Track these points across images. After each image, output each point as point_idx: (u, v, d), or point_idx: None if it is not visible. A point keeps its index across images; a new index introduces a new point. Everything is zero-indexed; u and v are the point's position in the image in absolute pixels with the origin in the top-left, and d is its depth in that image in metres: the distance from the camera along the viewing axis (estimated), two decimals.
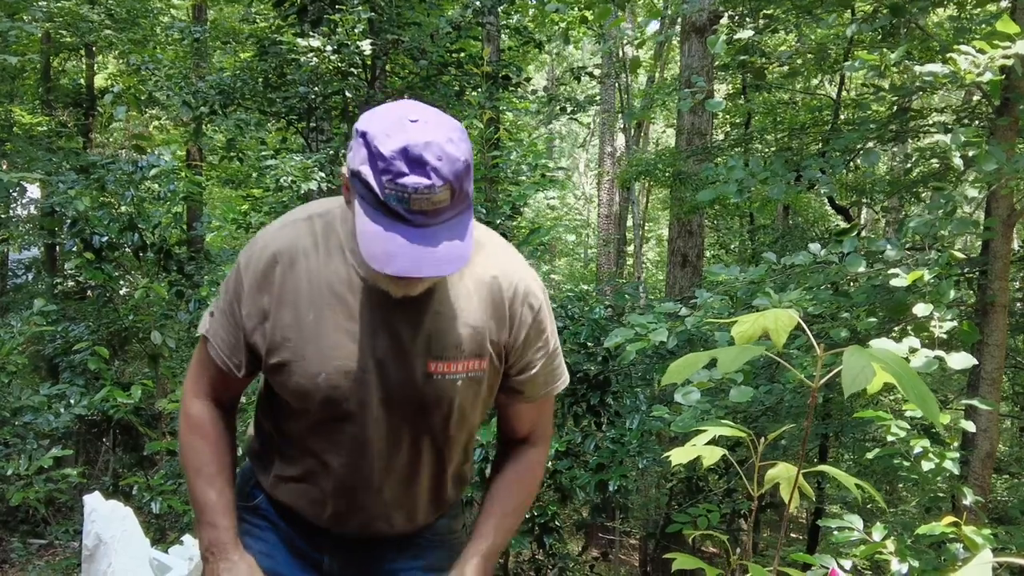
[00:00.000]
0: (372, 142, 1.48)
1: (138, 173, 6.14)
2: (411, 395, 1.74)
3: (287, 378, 1.73)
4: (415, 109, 1.54)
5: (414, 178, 1.46)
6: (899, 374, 1.56)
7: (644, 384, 6.69)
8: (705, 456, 1.98)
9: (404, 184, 1.46)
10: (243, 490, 1.96)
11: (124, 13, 11.11)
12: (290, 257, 1.72)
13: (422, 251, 1.49)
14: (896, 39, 5.44)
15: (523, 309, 1.78)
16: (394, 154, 1.46)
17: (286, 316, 1.71)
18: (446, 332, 1.73)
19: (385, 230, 1.49)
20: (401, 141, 1.47)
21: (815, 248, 3.91)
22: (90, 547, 3.37)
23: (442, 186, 1.48)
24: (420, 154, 1.46)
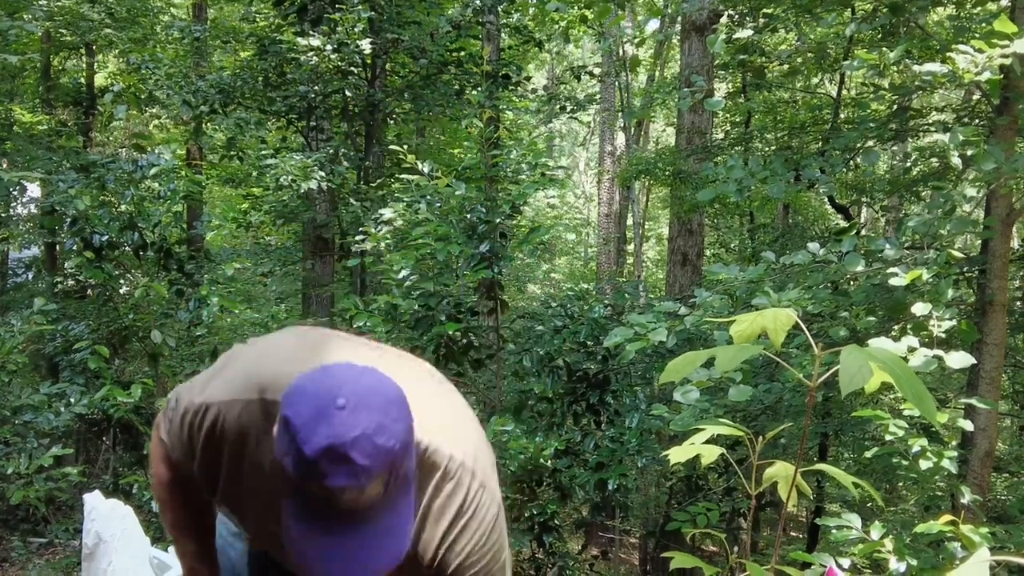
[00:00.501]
0: (295, 433, 1.31)
1: (138, 172, 6.15)
2: None
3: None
4: (343, 384, 1.35)
5: (341, 479, 1.30)
6: (896, 373, 1.57)
7: (643, 383, 6.70)
8: (704, 455, 1.99)
9: (329, 487, 1.30)
10: None
11: (124, 12, 11.11)
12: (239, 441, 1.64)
13: (352, 555, 1.36)
14: (896, 38, 5.44)
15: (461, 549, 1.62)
16: (317, 454, 1.29)
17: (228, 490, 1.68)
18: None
19: (311, 533, 1.36)
20: (326, 436, 1.29)
21: (814, 247, 3.91)
22: (90, 546, 3.37)
23: (373, 482, 1.32)
24: (347, 453, 1.29)
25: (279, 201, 8.94)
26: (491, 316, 6.14)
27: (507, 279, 5.78)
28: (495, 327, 6.09)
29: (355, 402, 1.32)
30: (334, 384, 1.35)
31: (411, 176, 5.76)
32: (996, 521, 5.68)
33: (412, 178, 5.76)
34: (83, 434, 8.29)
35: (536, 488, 5.88)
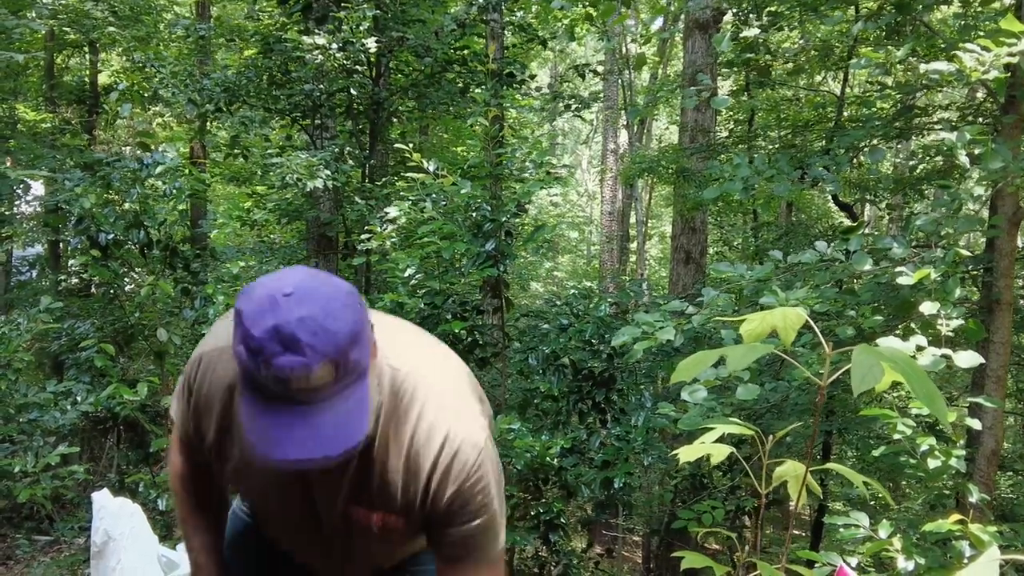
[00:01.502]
0: (245, 321, 1.37)
1: (143, 170, 6.15)
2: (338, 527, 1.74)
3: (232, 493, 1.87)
4: (292, 279, 1.41)
5: (288, 358, 1.34)
6: (907, 373, 1.57)
7: (648, 381, 6.69)
8: (713, 454, 1.99)
9: (278, 365, 1.34)
10: None
11: (128, 10, 11.12)
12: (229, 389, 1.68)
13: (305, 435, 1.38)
14: (901, 36, 5.44)
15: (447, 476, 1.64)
16: (265, 335, 1.34)
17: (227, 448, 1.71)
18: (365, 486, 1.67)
19: (264, 412, 1.39)
20: (272, 319, 1.35)
21: (821, 246, 3.91)
22: (99, 544, 3.39)
23: (320, 363, 1.35)
24: (292, 332, 1.34)
25: (283, 199, 8.95)
26: (496, 315, 6.15)
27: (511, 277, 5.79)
28: (500, 325, 6.10)
29: (302, 292, 1.38)
30: (284, 279, 1.41)
31: (416, 174, 5.76)
32: (1001, 520, 5.69)
33: (417, 176, 5.76)
34: (88, 432, 8.30)
35: (542, 487, 5.88)
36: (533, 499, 5.92)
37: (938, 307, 3.47)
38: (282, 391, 1.36)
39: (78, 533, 7.34)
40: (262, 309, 1.36)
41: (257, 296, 1.39)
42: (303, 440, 1.37)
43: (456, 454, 1.63)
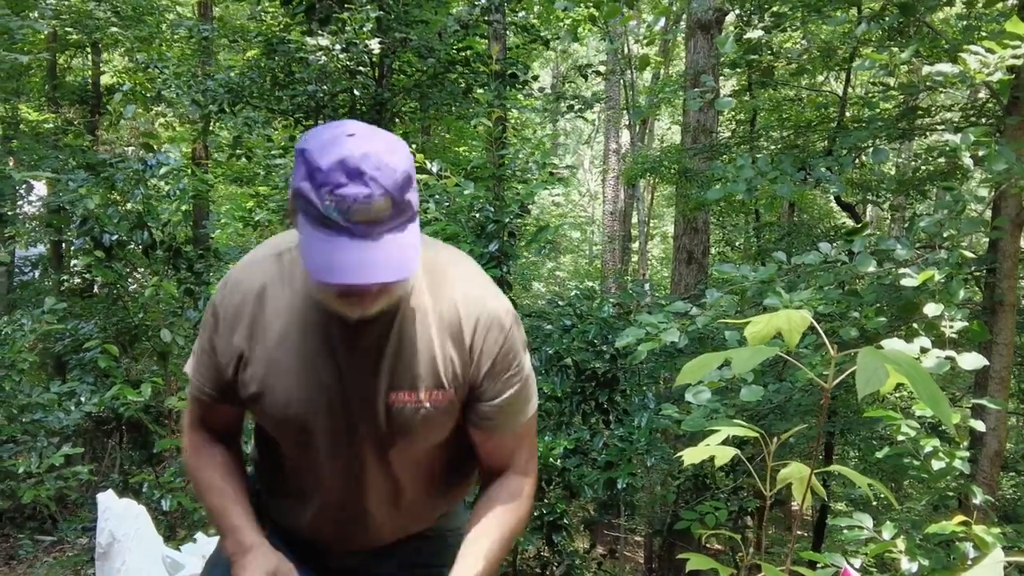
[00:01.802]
0: (310, 157, 1.48)
1: (147, 171, 6.15)
2: (374, 425, 1.74)
3: (261, 409, 1.76)
4: (353, 125, 1.53)
5: (353, 188, 1.45)
6: (912, 375, 1.57)
7: (651, 382, 6.69)
8: (718, 456, 1.99)
9: (343, 195, 1.45)
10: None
11: (130, 10, 11.12)
12: (259, 292, 1.73)
13: (365, 260, 1.47)
14: (904, 37, 5.45)
15: (486, 340, 1.74)
16: (332, 166, 1.46)
17: (257, 351, 1.73)
18: (406, 363, 1.72)
19: (327, 242, 1.47)
20: (338, 154, 1.46)
21: (825, 248, 3.91)
22: (104, 545, 3.39)
23: (381, 196, 1.47)
24: (357, 165, 1.46)
25: (285, 200, 8.94)
26: None
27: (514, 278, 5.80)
28: None
29: (364, 134, 1.51)
30: (345, 125, 1.54)
31: (419, 175, 5.77)
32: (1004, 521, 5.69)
33: (420, 177, 5.76)
34: (91, 433, 8.31)
35: (545, 487, 5.88)
36: (536, 499, 5.93)
37: (942, 309, 3.47)
38: (344, 221, 1.46)
39: (81, 533, 7.35)
40: (327, 146, 1.48)
41: (321, 136, 1.51)
42: (361, 266, 1.46)
43: (493, 319, 1.74)
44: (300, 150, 1.51)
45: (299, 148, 1.52)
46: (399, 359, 1.72)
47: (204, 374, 1.81)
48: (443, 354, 1.73)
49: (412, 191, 1.54)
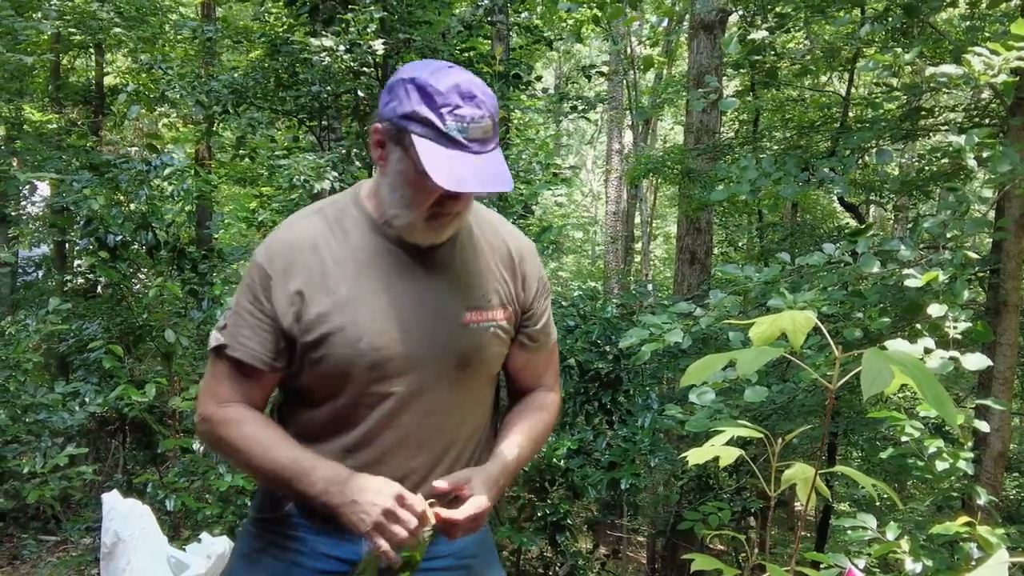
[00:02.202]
0: (425, 83, 1.67)
1: (152, 172, 6.17)
2: (452, 346, 1.84)
3: (328, 352, 1.77)
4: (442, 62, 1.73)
5: (469, 109, 1.66)
6: (916, 376, 1.57)
7: (655, 382, 6.69)
8: (722, 456, 1.99)
9: (463, 115, 1.65)
10: (270, 503, 1.93)
11: (133, 11, 11.14)
12: (311, 243, 1.82)
13: (481, 172, 1.66)
14: (908, 38, 5.45)
15: (531, 267, 1.97)
16: (449, 89, 1.66)
17: (318, 294, 1.78)
18: (475, 284, 1.88)
19: (451, 157, 1.65)
20: (452, 80, 1.67)
21: (829, 248, 3.92)
22: (109, 545, 3.40)
23: (489, 116, 1.68)
24: (470, 89, 1.67)
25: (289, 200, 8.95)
26: None
27: None
28: None
29: (457, 67, 1.72)
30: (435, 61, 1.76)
31: None
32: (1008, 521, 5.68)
33: None
34: (95, 433, 8.32)
35: (548, 487, 5.89)
36: (539, 500, 5.93)
37: (946, 309, 3.47)
38: (463, 138, 1.66)
39: (85, 533, 7.36)
40: (437, 74, 1.69)
41: (424, 69, 1.71)
42: (480, 177, 1.66)
43: (531, 249, 2.01)
44: (408, 79, 1.70)
45: (404, 78, 1.71)
46: (469, 281, 1.87)
47: (249, 337, 1.81)
48: (500, 276, 1.92)
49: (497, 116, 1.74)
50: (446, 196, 1.71)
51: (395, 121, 1.70)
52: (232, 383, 1.85)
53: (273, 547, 1.90)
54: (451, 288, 1.85)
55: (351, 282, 1.80)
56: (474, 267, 1.89)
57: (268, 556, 1.90)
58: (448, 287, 1.85)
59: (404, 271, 1.83)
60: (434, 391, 1.84)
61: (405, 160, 1.72)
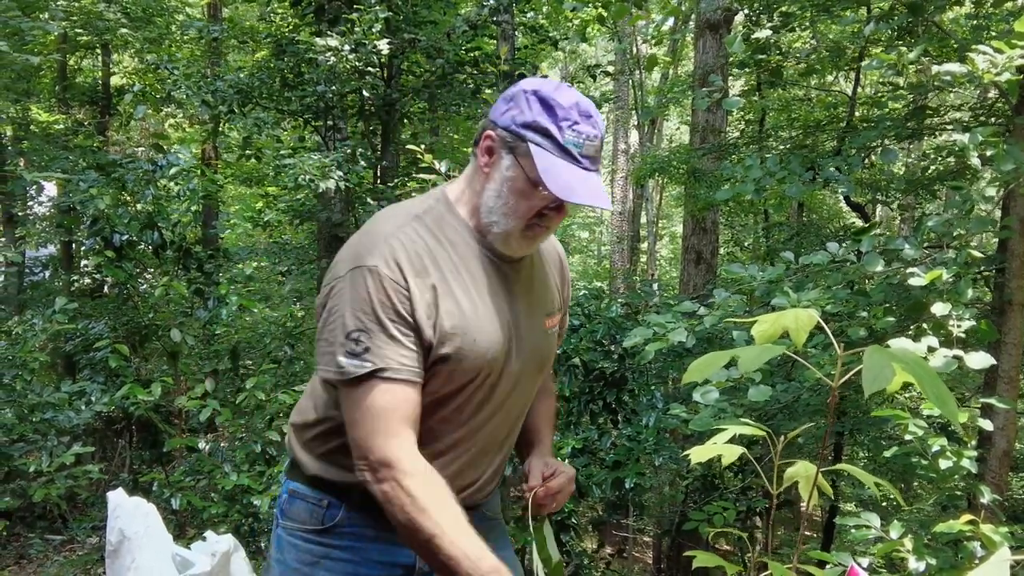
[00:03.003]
0: (548, 97, 1.74)
1: (158, 172, 6.18)
2: (539, 350, 1.95)
3: (457, 365, 1.76)
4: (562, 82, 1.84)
5: (587, 127, 1.75)
6: (919, 374, 1.57)
7: (659, 382, 6.69)
8: (725, 455, 1.99)
9: (580, 131, 1.74)
10: (315, 513, 1.89)
11: (140, 12, 11.16)
12: (428, 252, 1.79)
13: (591, 187, 1.73)
14: (913, 37, 5.44)
15: (566, 267, 2.12)
16: (571, 106, 1.74)
17: (447, 304, 1.76)
18: (548, 291, 2.00)
19: (568, 168, 1.72)
20: (572, 98, 1.75)
21: (833, 247, 3.91)
22: (114, 543, 3.40)
23: (600, 137, 1.78)
24: (588, 109, 1.76)
25: (294, 200, 8.96)
26: None
27: None
28: None
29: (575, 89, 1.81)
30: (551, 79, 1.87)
31: (428, 175, 5.77)
32: (1013, 520, 5.68)
33: (429, 177, 5.77)
34: (101, 432, 8.34)
35: None
36: None
37: (950, 308, 3.47)
38: (578, 153, 1.74)
39: (91, 532, 7.38)
40: (561, 89, 1.77)
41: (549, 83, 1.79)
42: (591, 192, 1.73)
43: (564, 252, 2.15)
44: (531, 91, 1.76)
45: (527, 89, 1.77)
46: (544, 289, 1.99)
47: (404, 355, 1.70)
48: (557, 282, 2.05)
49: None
50: (550, 207, 1.79)
51: (513, 129, 1.75)
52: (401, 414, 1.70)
53: (326, 559, 1.88)
54: (535, 296, 1.95)
55: (469, 291, 1.80)
56: (543, 275, 2.00)
57: (322, 569, 1.88)
58: (534, 295, 1.95)
59: (504, 280, 1.88)
60: (523, 393, 1.95)
61: (515, 168, 1.76)
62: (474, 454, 1.89)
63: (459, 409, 1.83)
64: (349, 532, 1.87)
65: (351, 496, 1.84)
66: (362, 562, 1.87)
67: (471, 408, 1.84)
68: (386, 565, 1.88)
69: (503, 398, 1.88)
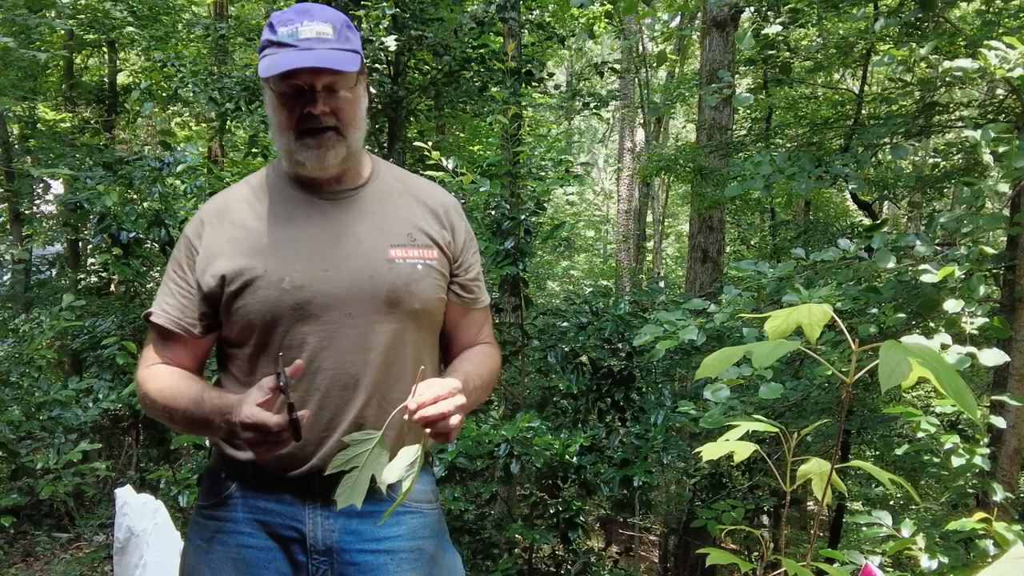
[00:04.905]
0: (272, 17, 1.86)
1: (164, 169, 6.18)
2: (378, 281, 1.88)
3: (251, 297, 1.85)
4: None
5: (300, 18, 1.83)
6: (936, 369, 1.55)
7: (667, 379, 6.67)
8: (737, 452, 1.98)
9: (293, 22, 1.82)
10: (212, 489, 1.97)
11: (146, 10, 11.17)
12: (231, 203, 1.96)
13: (307, 57, 1.79)
14: (922, 32, 5.42)
15: (456, 217, 2.04)
16: (287, 13, 1.84)
17: (238, 245, 1.89)
18: (395, 225, 1.95)
19: (277, 53, 1.81)
20: (293, 7, 1.85)
21: (844, 244, 3.89)
22: (122, 540, 3.40)
23: (324, 22, 1.83)
24: (305, 7, 1.85)
25: None
26: (515, 312, 6.15)
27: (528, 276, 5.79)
28: (519, 323, 6.09)
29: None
30: None
31: (435, 173, 5.76)
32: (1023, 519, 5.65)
33: (436, 175, 5.76)
34: (108, 429, 8.34)
35: (560, 485, 5.87)
36: (551, 497, 5.92)
37: (962, 305, 3.45)
38: (291, 40, 1.81)
39: (98, 530, 7.38)
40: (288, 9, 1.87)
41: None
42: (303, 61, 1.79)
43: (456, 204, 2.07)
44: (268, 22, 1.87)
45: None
46: (392, 223, 1.95)
47: (172, 304, 1.92)
48: (425, 222, 1.98)
49: (354, 34, 1.90)
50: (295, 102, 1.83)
51: (259, 50, 1.89)
52: (157, 348, 1.96)
53: (220, 533, 1.92)
54: (374, 229, 1.93)
55: (271, 231, 1.89)
56: (395, 212, 1.97)
57: (217, 544, 1.92)
58: (370, 228, 1.93)
59: (323, 216, 1.92)
60: (366, 329, 1.87)
61: (266, 90, 1.90)
62: (327, 393, 1.86)
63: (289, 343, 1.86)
64: (241, 504, 1.92)
65: (244, 470, 1.92)
66: (254, 533, 1.90)
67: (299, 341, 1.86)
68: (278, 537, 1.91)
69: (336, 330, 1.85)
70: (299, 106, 1.84)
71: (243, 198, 1.96)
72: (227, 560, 1.90)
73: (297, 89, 1.83)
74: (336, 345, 1.86)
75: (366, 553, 1.89)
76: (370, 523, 1.90)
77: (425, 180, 2.14)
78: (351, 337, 1.86)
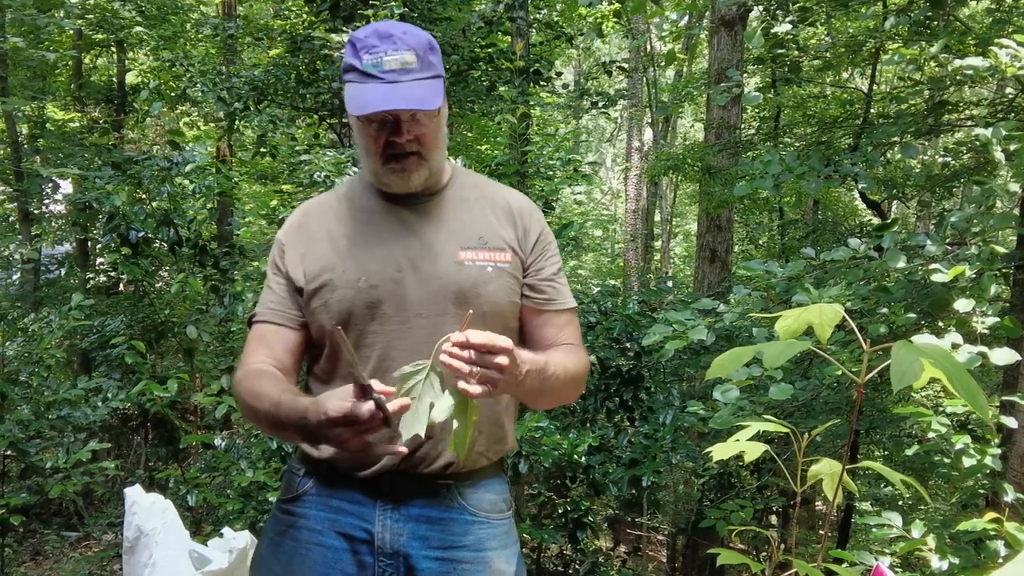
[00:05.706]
0: (353, 38, 1.86)
1: (173, 169, 6.19)
2: (447, 283, 1.91)
3: (330, 295, 1.91)
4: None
5: (384, 45, 1.81)
6: (947, 369, 1.55)
7: (676, 379, 6.66)
8: (748, 452, 1.97)
9: (378, 50, 1.81)
10: (290, 484, 2.02)
11: (155, 10, 11.18)
12: (317, 210, 2.04)
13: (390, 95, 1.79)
14: (932, 31, 5.40)
15: (531, 219, 2.04)
16: (368, 34, 1.83)
17: (321, 247, 1.96)
18: (470, 229, 1.98)
19: (363, 87, 1.81)
20: (371, 28, 1.84)
21: (854, 243, 3.88)
22: (131, 539, 3.40)
23: (408, 50, 1.82)
24: (388, 30, 1.82)
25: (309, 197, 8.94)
26: None
27: None
28: None
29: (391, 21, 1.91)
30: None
31: None
32: None
33: None
34: (117, 429, 8.36)
35: (569, 484, 5.87)
36: (560, 497, 5.92)
37: (973, 304, 3.44)
38: (378, 72, 1.81)
39: (107, 529, 7.40)
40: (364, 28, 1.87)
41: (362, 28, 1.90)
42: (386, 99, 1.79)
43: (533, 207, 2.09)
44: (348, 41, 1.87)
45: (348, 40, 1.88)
46: (463, 227, 1.98)
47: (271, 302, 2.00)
48: (499, 225, 2.01)
49: (436, 56, 1.89)
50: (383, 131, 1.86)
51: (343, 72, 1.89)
52: (255, 346, 1.99)
53: (292, 528, 1.96)
54: (446, 232, 1.96)
55: (350, 235, 1.96)
56: (468, 216, 2.00)
57: (288, 538, 1.96)
58: (443, 232, 1.96)
59: (399, 221, 1.97)
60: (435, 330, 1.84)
61: (350, 117, 1.89)
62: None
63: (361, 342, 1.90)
64: (315, 501, 1.96)
65: (319, 468, 1.97)
66: (324, 531, 1.93)
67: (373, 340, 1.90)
68: (348, 537, 1.93)
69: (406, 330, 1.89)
70: (384, 134, 1.88)
71: (328, 204, 2.05)
72: (295, 555, 1.94)
73: (382, 118, 1.86)
74: (406, 345, 1.88)
75: (430, 560, 1.91)
76: (438, 529, 1.93)
77: (502, 185, 2.16)
78: (420, 337, 1.87)
